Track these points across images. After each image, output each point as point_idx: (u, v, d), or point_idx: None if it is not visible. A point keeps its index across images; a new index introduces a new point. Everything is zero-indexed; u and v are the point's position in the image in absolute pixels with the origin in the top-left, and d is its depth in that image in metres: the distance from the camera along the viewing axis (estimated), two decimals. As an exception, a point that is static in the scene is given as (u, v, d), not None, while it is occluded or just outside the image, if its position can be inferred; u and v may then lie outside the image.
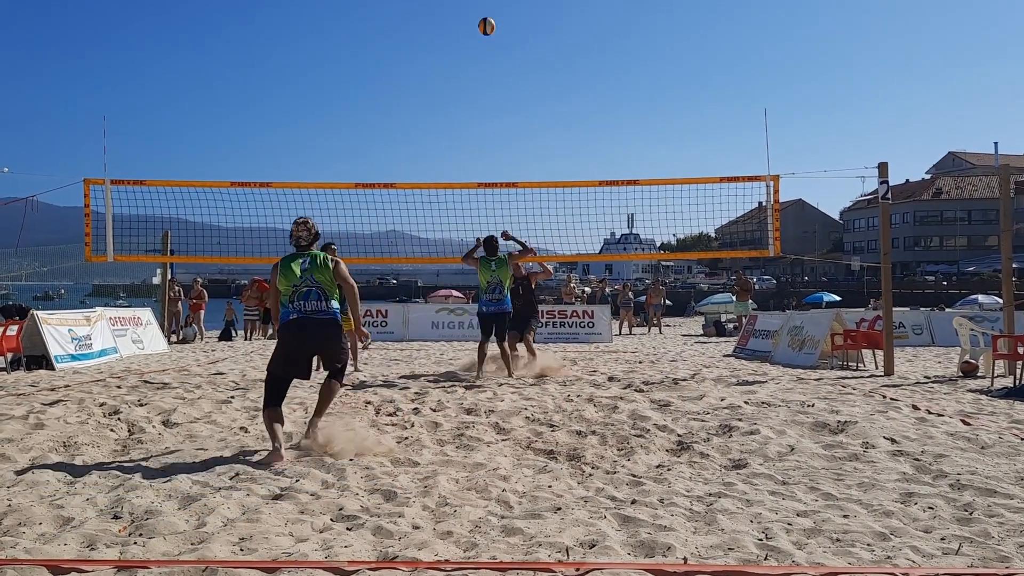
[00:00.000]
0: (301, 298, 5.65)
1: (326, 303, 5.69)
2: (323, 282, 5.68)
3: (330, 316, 5.72)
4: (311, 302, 5.66)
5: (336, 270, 5.77)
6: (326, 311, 5.70)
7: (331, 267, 5.74)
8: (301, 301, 5.65)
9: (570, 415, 6.98)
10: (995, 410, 7.56)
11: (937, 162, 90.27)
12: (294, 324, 5.68)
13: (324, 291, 5.68)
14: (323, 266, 5.72)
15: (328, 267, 5.73)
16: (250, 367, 11.87)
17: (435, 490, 4.51)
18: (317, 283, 5.66)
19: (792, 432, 6.20)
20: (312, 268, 5.71)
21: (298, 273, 5.69)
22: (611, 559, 3.44)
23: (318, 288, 5.66)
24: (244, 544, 3.61)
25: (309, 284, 5.66)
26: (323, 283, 5.68)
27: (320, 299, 5.67)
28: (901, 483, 4.73)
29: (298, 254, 5.81)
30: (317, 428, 5.73)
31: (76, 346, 12.37)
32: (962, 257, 73.89)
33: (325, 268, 5.72)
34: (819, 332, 12.72)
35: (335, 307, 5.75)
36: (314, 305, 5.66)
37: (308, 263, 5.73)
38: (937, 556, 3.50)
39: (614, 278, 59.95)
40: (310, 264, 5.73)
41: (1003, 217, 10.91)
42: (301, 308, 5.65)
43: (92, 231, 11.00)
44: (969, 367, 10.67)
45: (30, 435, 5.96)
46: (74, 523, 3.87)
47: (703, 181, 11.53)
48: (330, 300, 5.71)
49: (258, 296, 20.60)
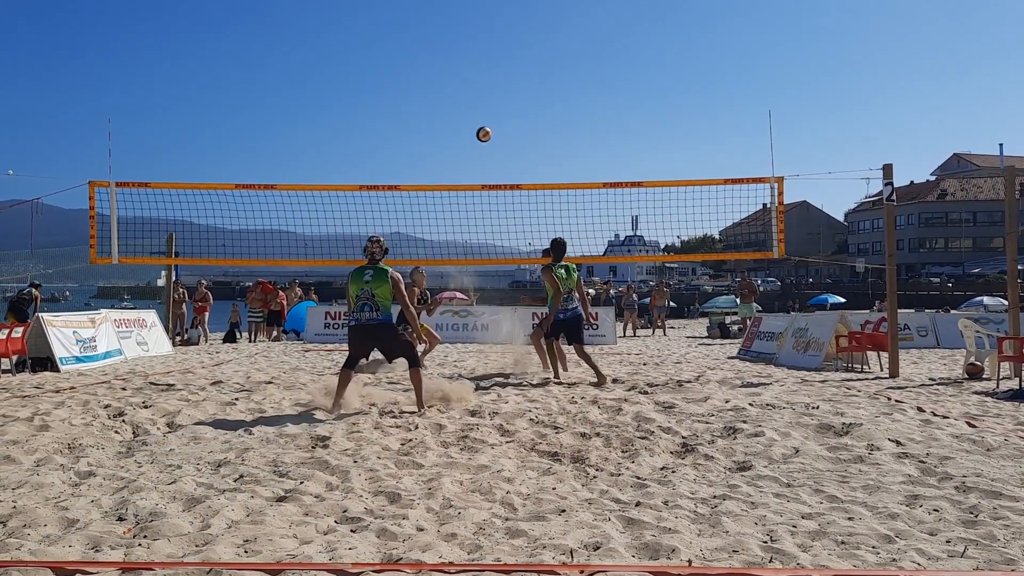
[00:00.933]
0: (359, 309, 7.24)
1: (378, 312, 7.21)
2: (380, 294, 7.19)
3: (381, 321, 7.24)
4: (365, 312, 7.23)
5: (395, 285, 7.27)
6: (378, 319, 7.23)
7: (390, 282, 7.23)
8: (359, 312, 7.25)
9: (574, 417, 6.97)
10: (1000, 412, 7.54)
11: (942, 164, 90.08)
12: (353, 329, 7.37)
13: (378, 302, 7.20)
14: (382, 280, 7.21)
15: (387, 281, 7.23)
16: (254, 369, 11.88)
17: (439, 492, 4.51)
18: (372, 295, 7.18)
19: (797, 434, 6.19)
20: (373, 280, 7.22)
21: (360, 284, 7.23)
22: (615, 561, 3.44)
23: (373, 300, 7.20)
24: (248, 546, 3.61)
25: (366, 296, 7.19)
26: (379, 295, 7.19)
27: (373, 310, 7.22)
28: (906, 485, 4.71)
29: (366, 267, 7.33)
30: (424, 409, 7.20)
31: (81, 348, 12.39)
32: (967, 259, 73.72)
33: (384, 282, 7.21)
34: (824, 334, 12.70)
35: (387, 315, 7.27)
36: (368, 315, 7.24)
37: (371, 276, 7.24)
38: (942, 559, 3.49)
39: (618, 280, 59.88)
40: (372, 277, 7.23)
41: (1008, 219, 10.88)
42: (358, 317, 7.26)
43: (97, 233, 11.03)
44: (974, 369, 10.64)
45: (35, 437, 5.97)
46: (79, 525, 3.87)
47: (707, 183, 11.52)
48: (382, 309, 7.21)
49: (262, 298, 20.62)
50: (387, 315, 7.28)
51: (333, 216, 11.82)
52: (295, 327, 21.39)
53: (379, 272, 7.24)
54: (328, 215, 11.83)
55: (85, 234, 11.01)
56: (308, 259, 13.60)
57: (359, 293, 7.20)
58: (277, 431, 6.40)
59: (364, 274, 7.26)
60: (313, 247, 12.95)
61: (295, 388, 9.13)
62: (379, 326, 7.23)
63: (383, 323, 7.24)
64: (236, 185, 11.62)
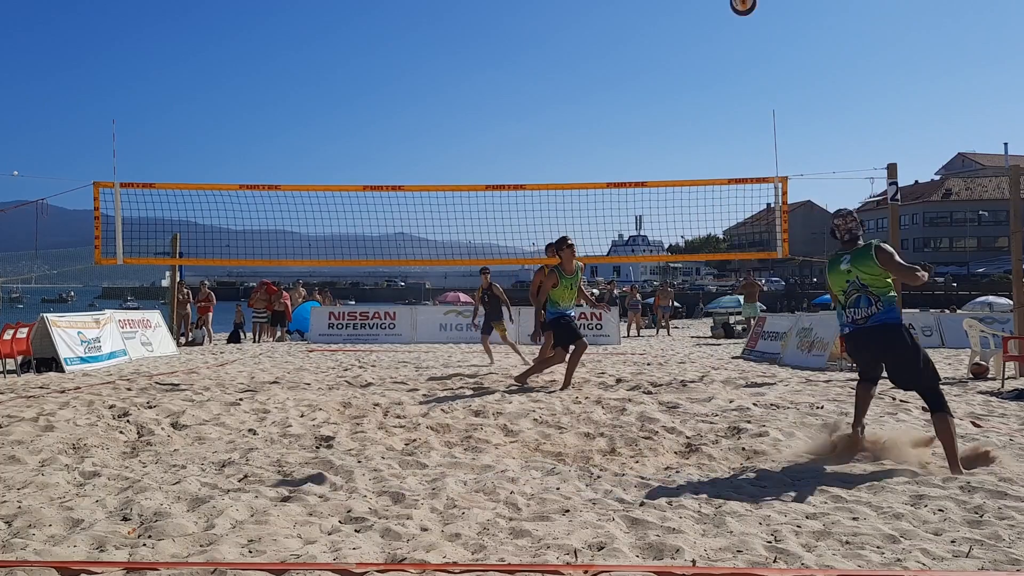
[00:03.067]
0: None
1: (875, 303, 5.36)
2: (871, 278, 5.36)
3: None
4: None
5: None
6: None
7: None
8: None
9: (578, 417, 6.97)
10: (1006, 412, 7.53)
11: (947, 163, 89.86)
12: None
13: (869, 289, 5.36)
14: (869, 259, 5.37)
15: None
16: (258, 370, 11.89)
17: (443, 492, 4.51)
18: (862, 284, 5.38)
19: (801, 434, 6.18)
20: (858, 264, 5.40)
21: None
22: (619, 561, 3.43)
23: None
24: (253, 546, 3.61)
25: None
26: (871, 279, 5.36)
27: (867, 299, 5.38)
28: (911, 485, 4.70)
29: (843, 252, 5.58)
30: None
31: (85, 348, 12.42)
32: (972, 258, 73.51)
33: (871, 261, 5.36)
34: (828, 334, 12.66)
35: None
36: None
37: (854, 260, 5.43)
38: (947, 559, 3.48)
39: (622, 280, 59.84)
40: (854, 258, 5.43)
41: (1013, 218, 10.85)
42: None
43: (101, 234, 11.06)
44: (979, 369, 10.60)
45: (40, 437, 5.99)
46: (84, 525, 3.88)
47: (711, 183, 11.52)
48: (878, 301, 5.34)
49: (266, 299, 20.65)
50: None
51: (337, 216, 11.86)
52: (299, 327, 21.43)
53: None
54: (332, 215, 11.88)
55: (89, 235, 11.05)
56: (312, 259, 13.63)
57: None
58: (281, 431, 6.41)
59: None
60: (317, 247, 12.98)
61: (299, 388, 9.14)
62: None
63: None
64: (240, 186, 11.67)
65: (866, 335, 5.39)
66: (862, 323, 5.37)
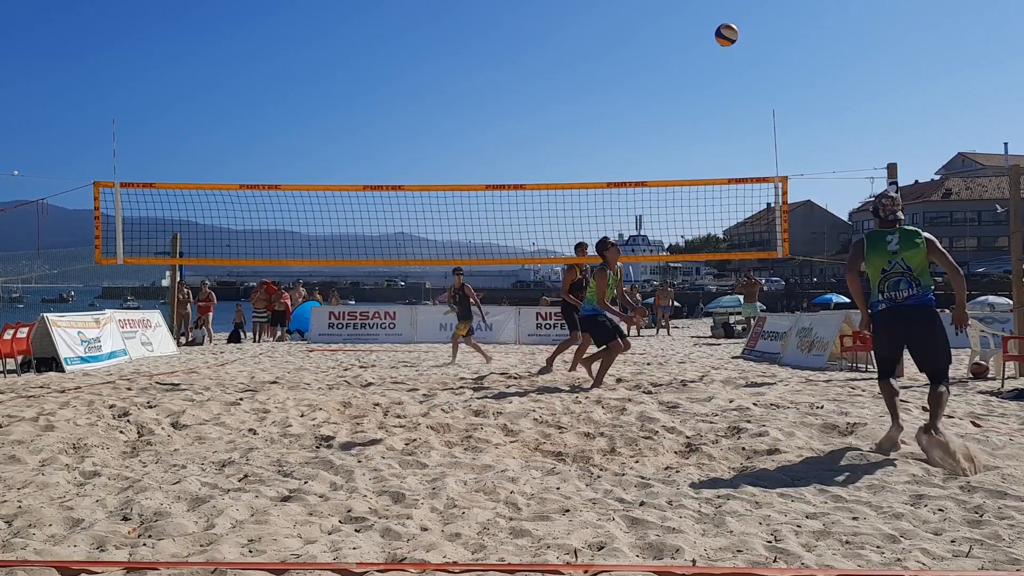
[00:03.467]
0: (892, 288, 5.66)
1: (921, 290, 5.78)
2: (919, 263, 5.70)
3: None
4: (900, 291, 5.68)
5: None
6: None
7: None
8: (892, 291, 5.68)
9: (578, 417, 6.97)
10: (1005, 412, 7.53)
11: (947, 163, 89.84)
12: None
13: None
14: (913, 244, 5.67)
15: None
16: (259, 369, 11.89)
17: (443, 492, 4.51)
18: (907, 267, 5.66)
19: (801, 434, 6.18)
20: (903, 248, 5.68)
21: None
22: (619, 561, 3.43)
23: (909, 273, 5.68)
24: (253, 546, 3.62)
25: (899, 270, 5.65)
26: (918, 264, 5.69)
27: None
28: (911, 485, 4.70)
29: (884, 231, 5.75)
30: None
31: (86, 348, 12.42)
32: (972, 258, 73.51)
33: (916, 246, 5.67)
34: (828, 334, 12.68)
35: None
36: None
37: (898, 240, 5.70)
38: (947, 558, 3.48)
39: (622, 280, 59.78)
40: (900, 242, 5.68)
41: (1013, 218, 10.84)
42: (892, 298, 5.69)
43: (102, 234, 11.06)
44: (979, 369, 10.61)
45: (40, 437, 5.99)
46: (84, 524, 3.88)
47: (711, 183, 11.51)
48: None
49: (267, 298, 20.66)
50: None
51: (337, 216, 11.85)
52: (299, 327, 21.43)
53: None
54: (332, 215, 11.87)
55: (90, 235, 11.04)
56: (312, 259, 13.62)
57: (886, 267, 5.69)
58: (281, 431, 6.42)
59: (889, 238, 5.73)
60: (317, 247, 12.97)
61: (299, 388, 9.14)
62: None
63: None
64: (241, 185, 11.66)
65: (906, 312, 5.67)
66: (901, 301, 5.63)
